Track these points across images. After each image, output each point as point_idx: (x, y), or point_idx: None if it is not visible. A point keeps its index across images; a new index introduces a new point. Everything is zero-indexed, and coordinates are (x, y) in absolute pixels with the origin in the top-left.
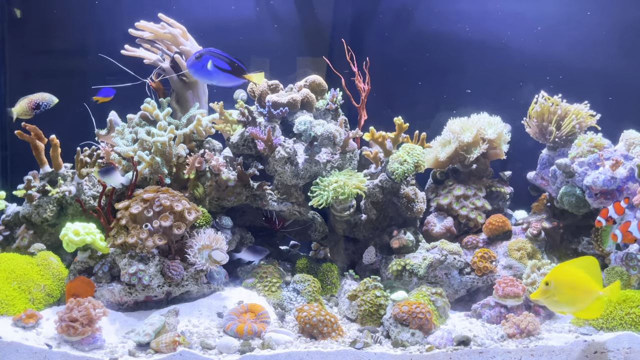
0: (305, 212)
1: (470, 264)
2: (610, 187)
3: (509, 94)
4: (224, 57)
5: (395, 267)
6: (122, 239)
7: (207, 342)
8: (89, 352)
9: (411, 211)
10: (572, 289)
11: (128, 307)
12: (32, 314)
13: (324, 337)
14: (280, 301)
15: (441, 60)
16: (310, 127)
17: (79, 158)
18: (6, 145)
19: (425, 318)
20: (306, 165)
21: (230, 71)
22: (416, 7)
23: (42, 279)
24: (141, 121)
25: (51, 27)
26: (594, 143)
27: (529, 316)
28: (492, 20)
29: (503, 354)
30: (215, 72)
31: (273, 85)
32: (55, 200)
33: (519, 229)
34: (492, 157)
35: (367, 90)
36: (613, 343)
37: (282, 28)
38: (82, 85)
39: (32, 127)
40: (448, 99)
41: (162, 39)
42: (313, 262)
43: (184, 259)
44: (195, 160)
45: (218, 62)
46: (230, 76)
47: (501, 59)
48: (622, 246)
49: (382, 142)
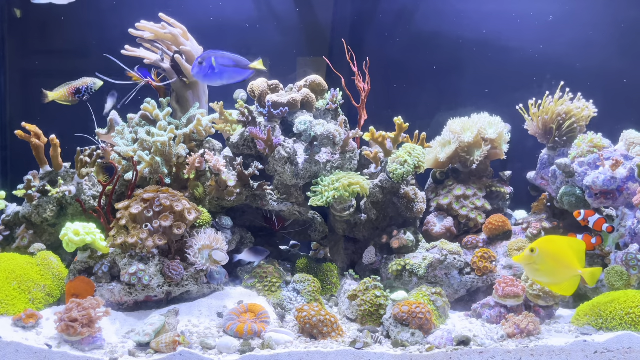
0: (305, 212)
1: (470, 264)
2: (610, 187)
3: (509, 94)
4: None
5: (395, 267)
6: (122, 239)
7: (207, 342)
8: (89, 352)
9: (411, 211)
10: (555, 261)
11: (128, 307)
12: (32, 314)
13: (324, 337)
14: (280, 301)
15: (441, 60)
16: (310, 127)
17: (79, 158)
18: (6, 145)
19: (425, 318)
20: (306, 165)
21: (234, 65)
22: (416, 7)
23: (42, 279)
24: (141, 121)
25: (51, 27)
26: (594, 143)
27: (529, 316)
28: (492, 20)
29: (503, 354)
30: (222, 70)
31: (273, 85)
32: (55, 200)
33: (519, 229)
34: (492, 157)
35: (367, 90)
36: (613, 343)
37: (282, 28)
38: None
39: (32, 127)
40: (448, 99)
41: (163, 39)
42: (313, 262)
43: (184, 259)
44: (195, 160)
45: (221, 60)
46: (237, 70)
47: (501, 59)
48: (622, 246)
49: (382, 142)
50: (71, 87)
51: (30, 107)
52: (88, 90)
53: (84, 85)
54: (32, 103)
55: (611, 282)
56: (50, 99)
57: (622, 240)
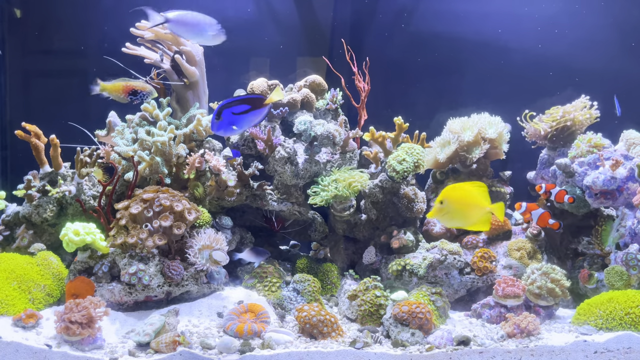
0: (305, 212)
1: (470, 264)
2: (610, 187)
3: (509, 94)
4: (239, 100)
5: (395, 267)
6: (122, 239)
7: (207, 342)
8: (89, 352)
9: (411, 211)
10: (464, 205)
11: (128, 307)
12: (32, 314)
13: (324, 337)
14: (280, 301)
15: (441, 60)
16: (310, 127)
17: (79, 158)
18: (6, 145)
19: (425, 318)
20: (306, 165)
21: (251, 108)
22: (416, 7)
23: (42, 279)
24: (141, 121)
25: (51, 27)
26: (594, 143)
27: (529, 316)
28: (492, 20)
29: (503, 354)
30: (241, 119)
31: (273, 85)
32: (55, 200)
33: (519, 229)
34: (492, 157)
35: (367, 90)
36: (613, 343)
37: (282, 28)
38: (82, 85)
39: (32, 127)
40: (448, 99)
41: (163, 39)
42: (313, 262)
43: (184, 259)
44: (195, 160)
45: (236, 109)
46: (255, 112)
47: (501, 59)
48: (622, 246)
49: (382, 142)
50: (129, 86)
51: (31, 107)
52: (144, 96)
53: (143, 90)
54: (32, 103)
55: (611, 282)
56: (102, 90)
57: (622, 240)
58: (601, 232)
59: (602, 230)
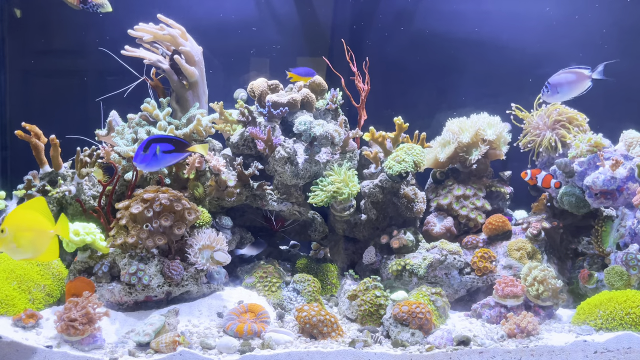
0: (305, 212)
1: (470, 264)
2: (610, 187)
3: (509, 94)
4: (166, 139)
5: (395, 267)
6: (122, 239)
7: (207, 342)
8: (89, 352)
9: (411, 211)
10: (29, 231)
11: (128, 307)
12: (32, 314)
13: (323, 337)
14: (280, 301)
15: (441, 60)
16: (310, 127)
17: (79, 158)
18: (6, 145)
19: (425, 318)
20: (306, 165)
21: (174, 150)
22: (416, 7)
23: (42, 279)
24: (141, 121)
25: (51, 27)
26: (594, 143)
27: (529, 316)
28: (492, 20)
29: (503, 354)
30: (162, 157)
31: (273, 85)
32: (55, 200)
33: (519, 229)
34: (492, 157)
35: (366, 90)
36: (613, 343)
37: (282, 28)
38: (82, 85)
39: (32, 127)
40: (448, 99)
41: (162, 40)
42: (313, 262)
43: (184, 258)
44: (195, 160)
45: (163, 146)
46: (176, 155)
47: (501, 59)
48: (622, 246)
49: (382, 142)
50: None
51: (31, 107)
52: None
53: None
54: (32, 103)
55: (611, 282)
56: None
57: (622, 240)
58: (601, 232)
59: (602, 230)
